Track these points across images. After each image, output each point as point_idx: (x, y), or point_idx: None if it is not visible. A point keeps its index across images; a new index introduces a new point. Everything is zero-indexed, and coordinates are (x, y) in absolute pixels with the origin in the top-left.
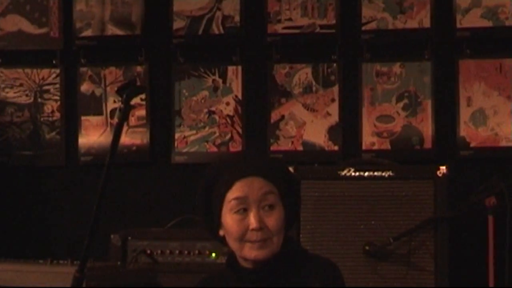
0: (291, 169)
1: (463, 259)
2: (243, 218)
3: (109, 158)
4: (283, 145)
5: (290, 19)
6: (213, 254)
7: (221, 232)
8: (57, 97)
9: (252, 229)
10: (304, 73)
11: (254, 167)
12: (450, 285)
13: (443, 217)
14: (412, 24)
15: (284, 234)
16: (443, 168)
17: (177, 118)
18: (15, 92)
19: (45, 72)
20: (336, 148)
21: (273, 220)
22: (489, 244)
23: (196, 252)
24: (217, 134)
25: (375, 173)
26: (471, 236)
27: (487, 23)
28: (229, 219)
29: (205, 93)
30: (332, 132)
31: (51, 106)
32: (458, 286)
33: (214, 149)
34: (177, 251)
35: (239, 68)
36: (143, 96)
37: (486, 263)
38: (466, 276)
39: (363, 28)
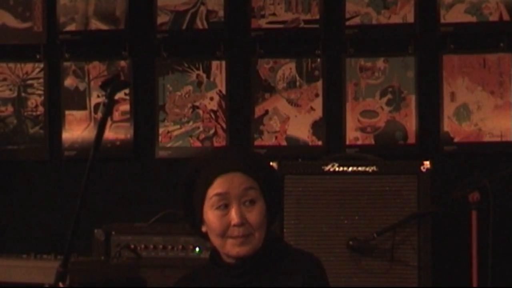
0: (274, 164)
1: (447, 254)
2: (224, 214)
3: (92, 153)
4: (267, 140)
5: (274, 14)
6: (197, 249)
7: (203, 228)
8: (41, 92)
9: (234, 225)
10: (288, 68)
11: (234, 162)
12: (433, 279)
13: (427, 212)
14: (396, 19)
15: (266, 229)
16: (426, 163)
17: (161, 113)
18: None
19: (28, 66)
20: (320, 143)
21: (254, 216)
22: (472, 239)
23: (180, 247)
24: (201, 129)
25: (359, 168)
26: (455, 231)
27: (471, 18)
28: (210, 215)
29: (189, 88)
30: (316, 127)
31: (35, 100)
32: (442, 280)
33: (198, 144)
34: (160, 246)
35: (223, 63)
36: (127, 90)
37: (469, 258)
38: (450, 271)
39: (347, 23)
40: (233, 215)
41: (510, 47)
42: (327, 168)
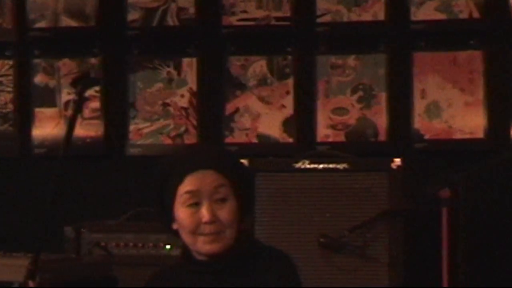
0: (245, 161)
1: (418, 251)
2: (195, 212)
3: (63, 150)
4: (238, 137)
5: (245, 11)
6: (168, 247)
7: (175, 226)
8: (10, 89)
9: (205, 222)
10: (259, 66)
11: (206, 160)
12: (404, 276)
13: (398, 210)
14: (367, 16)
15: (237, 227)
16: (397, 161)
17: (131, 110)
18: None
19: None
20: (291, 140)
21: (225, 213)
22: (443, 236)
23: (151, 244)
24: (172, 126)
25: (330, 166)
26: (426, 228)
27: (441, 16)
28: (181, 213)
29: (160, 85)
30: (287, 124)
31: (4, 98)
32: (413, 277)
33: (169, 141)
34: (131, 244)
35: (194, 60)
36: (97, 88)
37: (440, 254)
38: (421, 268)
39: (318, 20)
40: (204, 213)
41: (481, 44)
42: (298, 166)
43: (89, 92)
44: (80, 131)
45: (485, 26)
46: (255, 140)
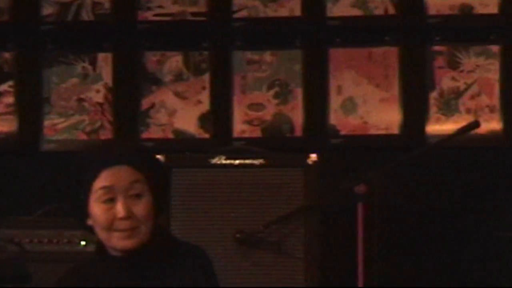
0: (161, 157)
1: (334, 246)
2: (110, 208)
3: None
4: (154, 133)
5: (161, 7)
6: (83, 243)
7: (89, 222)
8: None
9: (120, 218)
10: (175, 61)
11: (121, 155)
12: (320, 272)
13: (314, 205)
14: (283, 12)
15: (153, 222)
16: (313, 156)
17: (46, 106)
18: None
19: None
20: (207, 136)
21: (141, 209)
22: (358, 231)
23: (65, 240)
24: (87, 121)
25: (246, 161)
26: (341, 223)
27: (357, 12)
28: (96, 209)
29: (75, 80)
30: (203, 120)
31: None
32: (329, 273)
33: (84, 137)
34: (46, 240)
35: (109, 55)
36: (11, 82)
37: (356, 249)
38: (337, 262)
39: (234, 16)
40: (119, 209)
41: (396, 40)
42: (214, 161)
43: (3, 87)
44: None
45: (400, 23)
46: (171, 136)
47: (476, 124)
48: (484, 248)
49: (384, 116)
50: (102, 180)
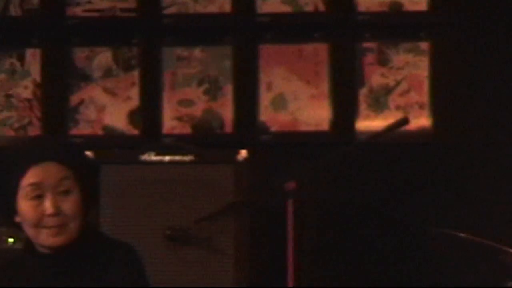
0: (91, 153)
1: (264, 243)
2: (38, 204)
3: None
4: (83, 129)
5: (89, 2)
6: (11, 240)
7: (17, 219)
8: None
9: (48, 215)
10: (104, 57)
11: (49, 152)
12: (250, 268)
13: (244, 201)
14: (213, 8)
15: (82, 219)
16: (243, 152)
17: None
18: None
19: None
20: (136, 132)
21: (69, 206)
22: (288, 227)
23: None
24: (15, 118)
25: (176, 158)
26: (272, 220)
27: (287, 9)
28: (24, 206)
29: (3, 76)
30: (132, 116)
31: None
32: (259, 269)
33: (12, 133)
34: None
35: (38, 51)
36: None
37: (286, 245)
38: (267, 259)
39: (164, 12)
40: (48, 206)
41: (326, 37)
42: (143, 158)
43: None
44: None
45: (330, 19)
46: (100, 132)
47: (405, 121)
48: (414, 244)
49: (314, 112)
50: (30, 177)
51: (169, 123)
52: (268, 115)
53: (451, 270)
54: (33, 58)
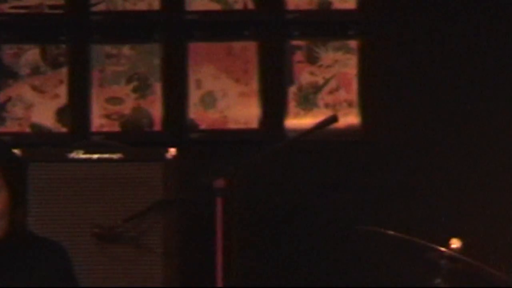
0: (18, 151)
1: (193, 240)
2: None
3: None
4: (11, 127)
5: None
6: None
7: None
8: None
9: None
10: (32, 54)
11: None
12: (179, 266)
13: (173, 200)
14: (142, 6)
15: (9, 217)
16: (172, 151)
17: None
18: None
19: None
20: (65, 130)
21: None
22: (217, 225)
23: None
24: None
25: (105, 156)
26: (201, 217)
27: (216, 6)
28: None
29: None
30: (60, 114)
31: None
32: (188, 267)
33: None
34: None
35: None
36: None
37: (215, 242)
38: (196, 256)
39: (92, 9)
40: None
41: (255, 35)
42: (72, 156)
43: None
44: None
45: (259, 17)
46: (28, 130)
47: (334, 119)
48: (342, 241)
49: (243, 110)
50: None
51: (98, 121)
52: (197, 113)
53: (379, 267)
54: None
